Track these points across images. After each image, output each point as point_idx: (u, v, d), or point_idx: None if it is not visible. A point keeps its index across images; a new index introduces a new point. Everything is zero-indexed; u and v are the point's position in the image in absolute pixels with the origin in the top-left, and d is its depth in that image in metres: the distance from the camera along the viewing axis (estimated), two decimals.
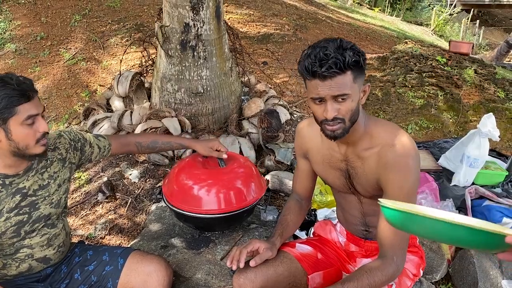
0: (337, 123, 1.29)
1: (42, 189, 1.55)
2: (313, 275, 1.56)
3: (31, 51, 4.70)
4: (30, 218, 1.51)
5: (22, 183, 1.50)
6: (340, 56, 1.21)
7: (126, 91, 3.30)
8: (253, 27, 5.58)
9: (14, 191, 1.48)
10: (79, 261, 1.71)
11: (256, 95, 3.60)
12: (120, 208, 2.64)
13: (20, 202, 1.49)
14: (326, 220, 1.83)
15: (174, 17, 2.86)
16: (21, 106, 1.34)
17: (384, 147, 1.36)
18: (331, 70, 1.21)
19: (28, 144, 1.40)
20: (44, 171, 1.56)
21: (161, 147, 2.01)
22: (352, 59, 1.22)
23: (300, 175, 1.72)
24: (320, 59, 1.21)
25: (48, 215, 1.57)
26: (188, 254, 2.03)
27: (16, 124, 1.35)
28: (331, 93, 1.25)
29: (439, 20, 12.48)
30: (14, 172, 1.47)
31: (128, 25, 5.08)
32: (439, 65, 4.50)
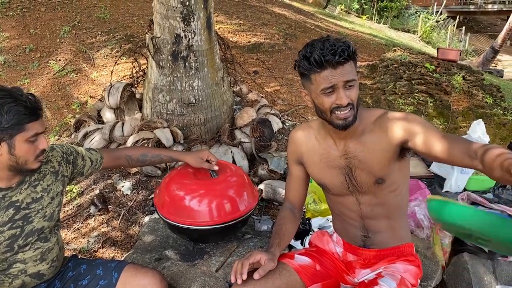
0: (349, 109, 1.36)
1: (35, 202, 1.54)
2: (312, 286, 1.56)
3: (20, 63, 4.66)
4: (23, 232, 1.50)
5: (15, 196, 1.48)
6: (345, 44, 1.31)
7: (117, 102, 3.29)
8: (243, 37, 5.61)
9: (7, 205, 1.46)
10: (72, 275, 1.68)
11: (248, 104, 3.60)
12: (113, 221, 2.61)
13: (14, 215, 1.47)
14: (323, 231, 1.83)
15: (165, 28, 2.86)
16: (31, 124, 1.36)
17: (378, 119, 1.45)
18: (343, 57, 1.30)
19: (27, 160, 1.41)
20: (37, 184, 1.55)
21: (151, 160, 2.00)
22: (353, 50, 1.33)
23: (293, 183, 1.72)
24: (330, 49, 1.29)
25: (41, 228, 1.56)
26: (182, 267, 2.02)
27: (21, 141, 1.36)
28: (343, 79, 1.32)
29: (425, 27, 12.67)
30: (7, 185, 1.46)
31: (118, 36, 5.07)
32: (428, 72, 4.55)
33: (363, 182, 1.49)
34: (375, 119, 1.45)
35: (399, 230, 1.59)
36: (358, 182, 1.50)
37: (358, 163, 1.47)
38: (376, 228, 1.56)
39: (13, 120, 1.32)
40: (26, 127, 1.35)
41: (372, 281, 1.51)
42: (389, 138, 1.40)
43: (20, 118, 1.33)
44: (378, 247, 1.58)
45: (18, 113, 1.33)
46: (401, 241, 1.59)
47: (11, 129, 1.33)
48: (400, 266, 1.55)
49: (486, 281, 2.05)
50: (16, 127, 1.34)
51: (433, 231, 2.18)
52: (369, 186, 1.49)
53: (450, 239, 2.18)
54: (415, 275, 1.55)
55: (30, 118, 1.36)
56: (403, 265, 1.55)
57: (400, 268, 1.54)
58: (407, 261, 1.56)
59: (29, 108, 1.35)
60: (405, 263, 1.56)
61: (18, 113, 1.33)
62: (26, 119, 1.35)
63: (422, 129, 1.33)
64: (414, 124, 1.36)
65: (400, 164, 1.47)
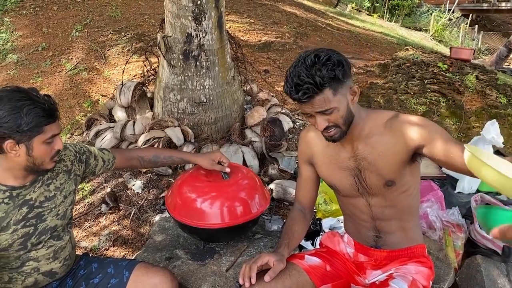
0: (331, 130, 1.37)
1: (49, 201, 1.55)
2: (322, 287, 1.55)
3: (32, 62, 4.71)
4: (36, 230, 1.51)
5: (29, 194, 1.50)
6: (312, 79, 1.26)
7: (129, 101, 3.30)
8: (254, 36, 5.60)
9: (21, 203, 1.47)
10: (84, 274, 1.69)
11: (259, 103, 3.60)
12: (124, 219, 2.63)
13: (27, 214, 1.49)
14: (334, 232, 1.82)
15: (177, 27, 2.87)
16: (48, 126, 1.38)
17: (389, 121, 1.42)
18: (306, 96, 1.28)
19: (44, 161, 1.42)
20: (50, 183, 1.56)
21: (162, 161, 2.01)
22: (326, 78, 1.27)
23: (304, 183, 1.71)
24: (295, 85, 1.28)
25: (54, 226, 1.57)
26: (193, 266, 2.02)
27: (39, 142, 1.38)
28: (314, 110, 1.32)
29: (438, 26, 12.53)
30: (21, 184, 1.47)
31: (129, 34, 5.10)
32: (440, 71, 4.50)
33: (373, 184, 1.48)
34: (386, 121, 1.43)
35: (411, 231, 1.58)
36: (368, 184, 1.49)
37: (367, 165, 1.46)
38: (387, 229, 1.55)
39: (32, 123, 1.33)
40: (44, 129, 1.37)
41: (383, 283, 1.50)
42: (403, 142, 1.38)
43: (39, 120, 1.34)
44: (390, 248, 1.57)
45: (37, 116, 1.33)
46: (413, 242, 1.58)
47: (30, 131, 1.34)
48: (412, 267, 1.53)
49: (499, 284, 2.02)
50: (35, 129, 1.35)
51: (445, 232, 2.16)
52: (379, 188, 1.47)
53: (463, 241, 2.15)
54: (427, 276, 1.53)
55: (48, 121, 1.37)
56: (415, 266, 1.53)
57: (412, 269, 1.52)
58: (419, 262, 1.54)
59: (47, 110, 1.36)
60: (417, 265, 1.54)
61: (37, 115, 1.33)
62: (45, 122, 1.36)
63: (441, 137, 1.31)
64: (432, 131, 1.34)
65: (411, 167, 1.45)
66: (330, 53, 1.30)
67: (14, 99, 1.33)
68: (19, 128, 1.32)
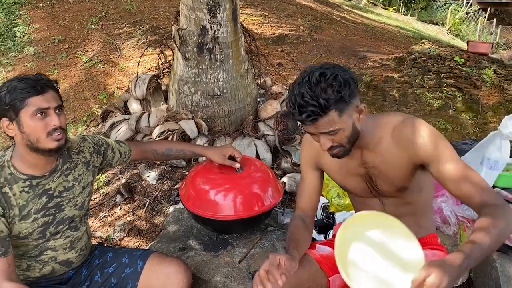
0: (335, 149, 1.32)
1: (67, 191, 1.58)
2: (333, 277, 1.54)
3: (49, 54, 4.77)
4: (54, 220, 1.54)
5: (48, 184, 1.52)
6: (316, 101, 1.18)
7: (144, 93, 3.33)
8: (268, 29, 5.58)
9: (40, 192, 1.50)
10: (99, 263, 1.72)
11: (272, 97, 3.59)
12: (138, 210, 2.66)
13: (47, 203, 1.52)
14: None
15: (191, 20, 2.87)
16: (31, 98, 1.36)
17: (396, 129, 1.35)
18: (311, 118, 1.21)
19: (38, 137, 1.40)
20: (68, 173, 1.59)
21: (175, 154, 2.02)
22: (332, 100, 1.19)
23: (307, 190, 1.63)
24: (299, 106, 1.21)
25: (72, 217, 1.60)
26: (206, 257, 2.04)
27: (26, 116, 1.37)
28: (318, 131, 1.26)
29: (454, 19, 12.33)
30: (40, 173, 1.49)
31: (144, 27, 5.12)
32: (457, 65, 4.44)
33: (385, 189, 1.46)
34: (393, 129, 1.36)
35: (424, 224, 1.56)
36: (380, 190, 1.47)
37: (377, 173, 1.43)
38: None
39: (13, 95, 1.35)
40: (26, 102, 1.36)
41: None
42: (408, 156, 1.34)
43: (18, 93, 1.35)
44: None
45: (18, 89, 1.35)
46: (426, 232, 1.56)
47: (13, 105, 1.36)
48: (428, 252, 1.50)
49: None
50: (18, 102, 1.35)
51: (460, 228, 2.14)
52: (392, 192, 1.46)
53: None
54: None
55: (30, 93, 1.36)
56: (430, 251, 1.50)
57: (428, 253, 1.49)
58: (433, 249, 1.52)
59: (29, 83, 1.36)
60: (432, 250, 1.52)
61: (18, 88, 1.35)
62: (25, 93, 1.35)
63: (443, 160, 1.28)
64: (437, 152, 1.29)
65: (423, 171, 1.40)
66: (337, 71, 1.21)
67: (9, 80, 1.39)
68: (4, 103, 1.35)
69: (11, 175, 1.44)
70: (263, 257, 2.02)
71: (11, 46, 4.90)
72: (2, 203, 1.41)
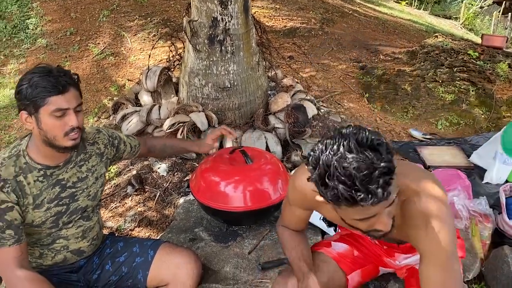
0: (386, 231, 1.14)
1: (81, 182, 1.59)
2: (352, 275, 1.53)
3: (61, 46, 4.80)
4: (68, 209, 1.55)
5: (62, 174, 1.54)
6: (375, 194, 0.97)
7: (155, 85, 3.34)
8: (279, 21, 5.55)
9: (54, 182, 1.52)
10: (110, 252, 1.74)
11: (283, 89, 3.58)
12: (149, 201, 2.68)
13: (60, 193, 1.53)
14: None
15: (203, 11, 2.86)
16: (52, 97, 1.37)
17: (405, 202, 1.19)
18: (379, 200, 0.99)
19: (55, 136, 1.41)
20: (82, 164, 1.60)
21: (169, 151, 2.10)
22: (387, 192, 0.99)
23: (294, 218, 1.53)
24: (363, 189, 0.97)
25: (85, 207, 1.61)
26: (216, 247, 2.05)
27: (45, 114, 1.38)
28: (384, 206, 1.04)
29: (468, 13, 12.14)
30: (54, 164, 1.51)
31: (155, 20, 5.12)
32: (471, 59, 4.37)
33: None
34: (403, 202, 1.20)
35: None
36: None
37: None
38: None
39: (34, 92, 1.35)
40: (47, 101, 1.36)
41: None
42: (409, 237, 1.26)
43: (40, 90, 1.35)
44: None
45: (40, 86, 1.35)
46: None
47: (34, 102, 1.36)
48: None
49: None
50: (39, 100, 1.36)
51: (472, 222, 2.12)
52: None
53: (490, 231, 2.11)
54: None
55: (51, 92, 1.36)
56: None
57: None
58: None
59: (52, 82, 1.36)
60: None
61: (41, 86, 1.35)
62: (46, 93, 1.36)
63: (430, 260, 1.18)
64: (430, 249, 1.18)
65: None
66: (385, 155, 0.99)
67: (30, 73, 1.39)
68: (26, 98, 1.36)
69: (26, 164, 1.46)
70: (272, 249, 2.02)
71: (23, 38, 4.94)
72: (16, 191, 1.42)
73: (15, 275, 1.39)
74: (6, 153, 1.46)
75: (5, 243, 1.40)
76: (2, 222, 1.39)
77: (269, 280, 1.83)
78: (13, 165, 1.43)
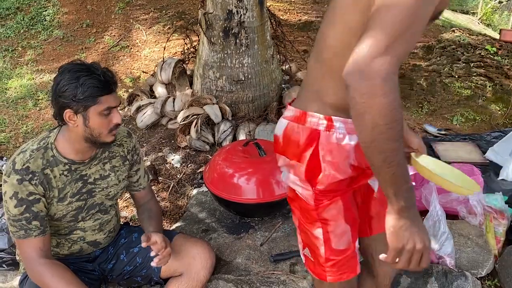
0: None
1: (102, 179, 1.60)
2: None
3: (77, 38, 4.85)
4: (85, 205, 1.58)
5: (85, 170, 1.55)
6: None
7: (169, 78, 3.36)
8: (294, 15, 5.53)
9: (77, 177, 1.53)
10: (125, 242, 1.76)
11: (297, 83, 3.57)
12: (163, 192, 2.70)
13: (81, 188, 1.55)
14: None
15: (218, 4, 2.87)
16: (104, 97, 1.39)
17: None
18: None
19: (101, 133, 1.44)
20: (106, 162, 1.61)
21: (140, 218, 1.80)
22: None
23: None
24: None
25: (101, 203, 1.63)
26: (228, 239, 2.07)
27: (95, 113, 1.40)
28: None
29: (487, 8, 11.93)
30: (80, 159, 1.52)
31: (170, 13, 5.14)
32: (488, 54, 4.31)
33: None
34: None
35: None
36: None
37: None
38: None
39: (87, 93, 1.36)
40: (99, 100, 1.39)
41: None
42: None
43: (93, 90, 1.37)
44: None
45: (92, 86, 1.36)
46: None
47: (85, 101, 1.37)
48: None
49: None
50: (90, 99, 1.37)
51: (486, 218, 2.10)
52: None
53: (505, 228, 2.09)
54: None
55: (103, 91, 1.39)
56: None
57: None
58: None
59: (103, 82, 1.38)
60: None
61: (92, 85, 1.36)
62: (99, 92, 1.38)
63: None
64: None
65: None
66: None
67: (73, 71, 1.38)
68: (75, 97, 1.36)
69: (53, 158, 1.47)
70: (284, 241, 2.03)
71: (41, 29, 5.00)
72: (44, 184, 1.44)
73: (39, 267, 1.42)
74: (35, 144, 1.48)
75: (31, 234, 1.43)
76: (29, 213, 1.42)
77: (281, 272, 1.84)
78: (41, 158, 1.45)
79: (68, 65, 1.42)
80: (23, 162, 1.42)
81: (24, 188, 1.40)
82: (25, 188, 1.40)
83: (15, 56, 4.66)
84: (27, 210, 1.41)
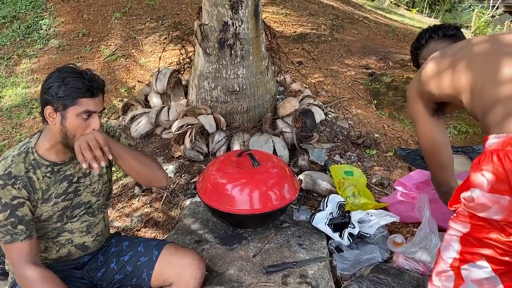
0: None
1: (85, 177, 1.63)
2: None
3: (73, 47, 4.86)
4: (71, 204, 1.59)
5: (69, 170, 1.58)
6: None
7: (164, 87, 3.37)
8: (289, 27, 5.58)
9: (62, 178, 1.56)
10: (115, 251, 1.76)
11: (291, 94, 3.59)
12: (156, 202, 2.70)
13: (67, 188, 1.58)
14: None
15: (213, 15, 2.89)
16: (84, 99, 1.42)
17: None
18: None
19: (75, 135, 1.46)
20: None
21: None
22: None
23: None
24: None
25: (88, 202, 1.65)
26: (221, 250, 2.06)
27: (73, 114, 1.42)
28: None
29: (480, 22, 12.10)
30: (61, 160, 1.55)
31: (166, 23, 5.18)
32: None
33: None
34: None
35: None
36: None
37: None
38: None
39: (67, 91, 1.40)
40: (78, 101, 1.41)
41: None
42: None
43: (74, 91, 1.40)
44: None
45: (74, 86, 1.40)
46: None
47: (64, 100, 1.40)
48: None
49: None
50: (70, 99, 1.40)
51: None
52: None
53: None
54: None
55: (84, 94, 1.41)
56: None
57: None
58: None
59: (86, 85, 1.41)
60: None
61: (75, 86, 1.40)
62: (80, 94, 1.41)
63: None
64: None
65: None
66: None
67: (62, 71, 1.43)
68: (57, 95, 1.40)
69: (35, 161, 1.50)
70: (277, 252, 2.03)
71: (37, 38, 5.01)
72: (27, 187, 1.46)
73: (27, 272, 1.42)
74: (16, 150, 1.50)
75: (17, 238, 1.43)
76: (14, 218, 1.43)
77: (273, 284, 1.83)
78: (22, 162, 1.47)
79: (61, 67, 1.46)
80: (4, 167, 1.44)
81: (7, 192, 1.42)
82: (8, 192, 1.42)
83: (11, 64, 4.66)
84: (12, 214, 1.42)
